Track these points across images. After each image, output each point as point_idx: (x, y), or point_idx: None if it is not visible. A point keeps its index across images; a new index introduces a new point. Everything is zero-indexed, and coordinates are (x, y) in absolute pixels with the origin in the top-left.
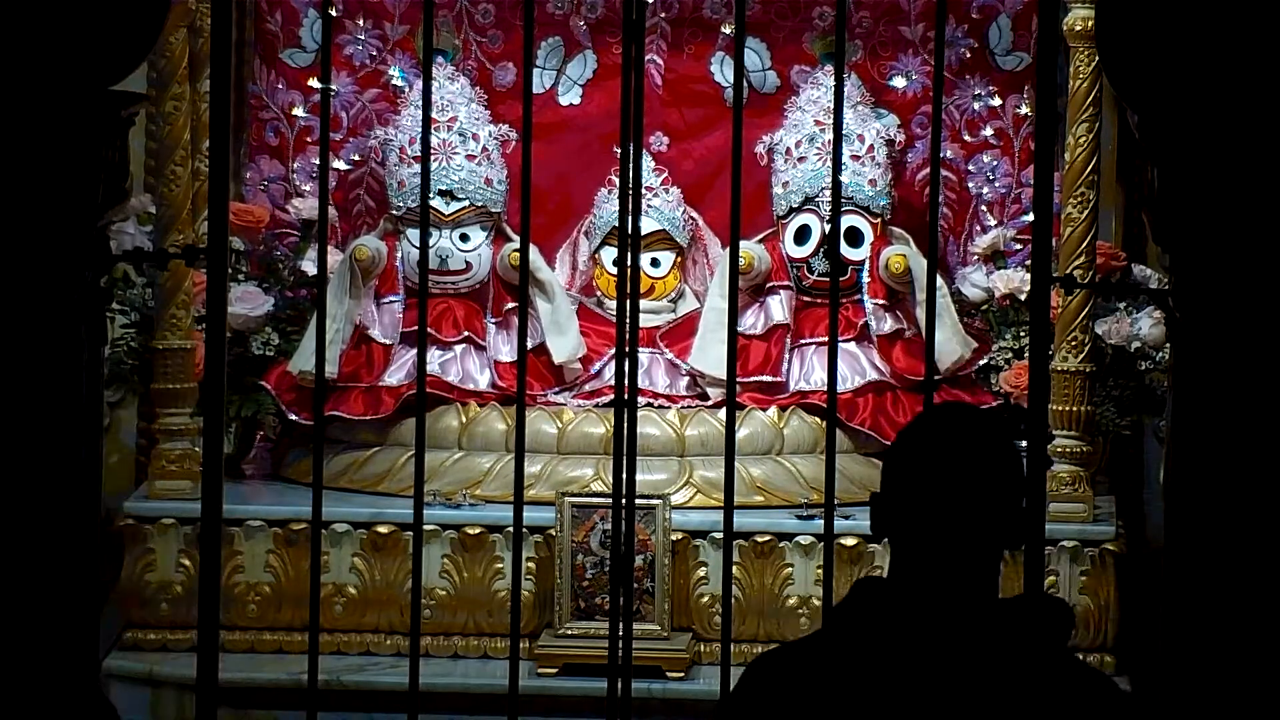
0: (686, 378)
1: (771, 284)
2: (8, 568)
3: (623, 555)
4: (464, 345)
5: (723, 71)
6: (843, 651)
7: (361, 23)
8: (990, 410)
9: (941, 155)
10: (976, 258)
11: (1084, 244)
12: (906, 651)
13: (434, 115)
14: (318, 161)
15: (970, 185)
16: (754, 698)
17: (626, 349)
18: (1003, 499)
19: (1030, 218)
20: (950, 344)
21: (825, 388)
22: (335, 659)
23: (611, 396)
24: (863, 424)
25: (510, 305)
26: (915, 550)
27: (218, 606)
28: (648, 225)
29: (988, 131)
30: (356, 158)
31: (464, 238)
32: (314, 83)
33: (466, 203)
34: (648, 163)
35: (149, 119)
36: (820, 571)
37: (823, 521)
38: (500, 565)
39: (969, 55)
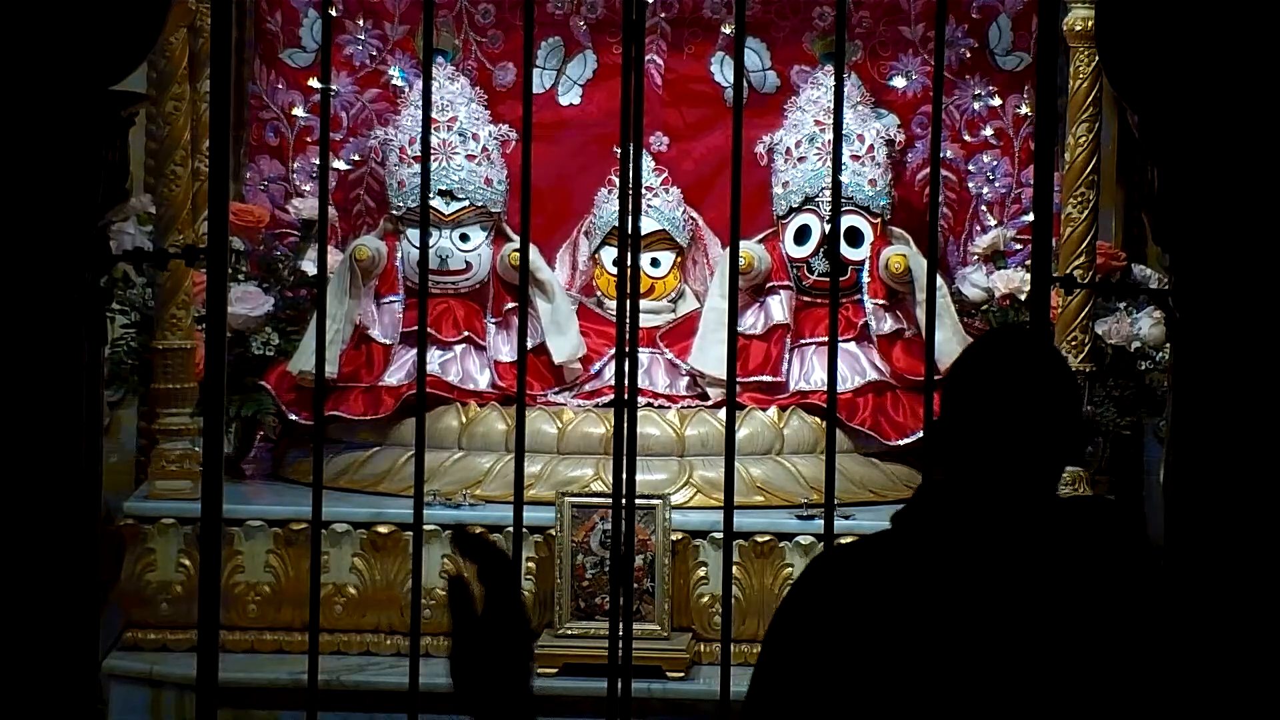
0: (686, 378)
1: (771, 284)
2: (8, 567)
3: (623, 555)
4: (464, 345)
5: (723, 71)
6: (908, 550)
7: (361, 23)
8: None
9: (942, 155)
10: (976, 258)
11: (1084, 244)
12: (971, 548)
13: (434, 115)
14: (318, 161)
15: (970, 185)
16: (815, 593)
17: (626, 349)
18: (1063, 416)
19: (1030, 218)
20: (950, 344)
21: (825, 388)
22: (335, 659)
23: (611, 396)
24: (863, 424)
25: (510, 305)
26: (977, 464)
27: (218, 606)
28: (648, 225)
29: (988, 131)
30: (356, 158)
31: (464, 238)
32: (314, 83)
33: (466, 203)
34: (648, 163)
35: (149, 119)
36: None
37: (823, 521)
38: None
39: (969, 55)
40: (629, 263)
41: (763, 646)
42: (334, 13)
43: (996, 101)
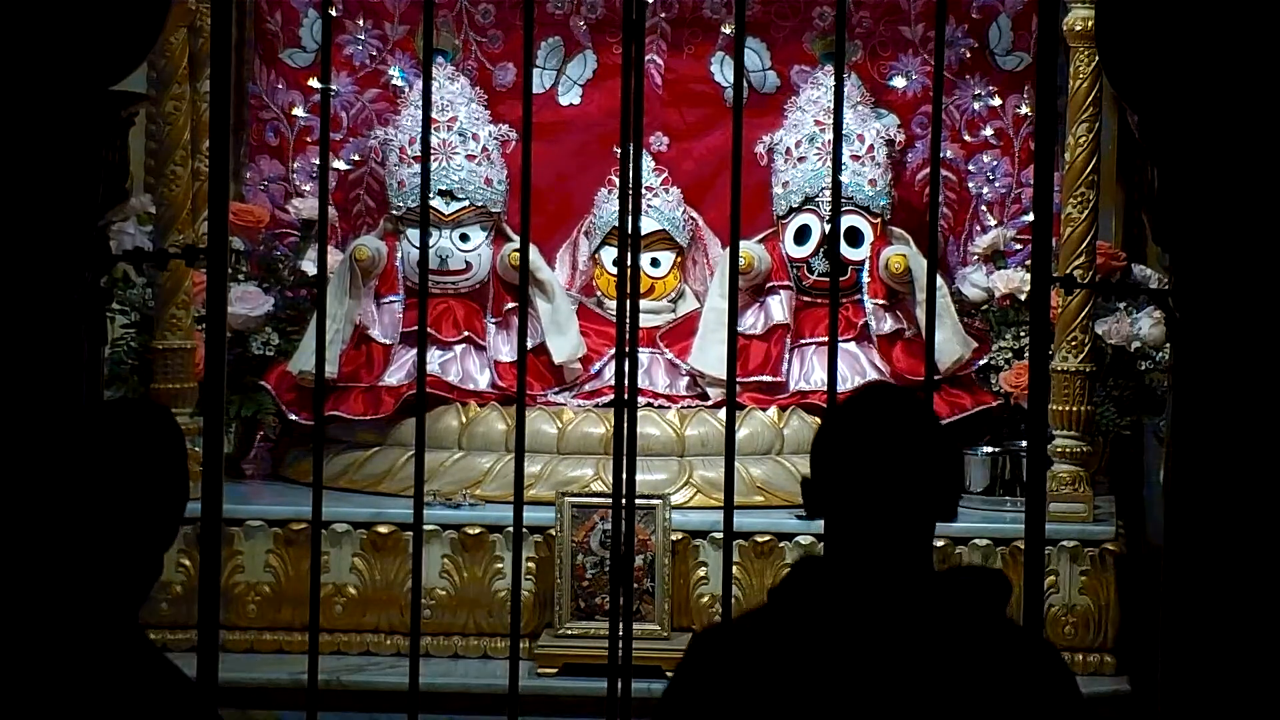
0: (686, 378)
1: (771, 284)
2: (7, 569)
3: (623, 555)
4: (464, 345)
5: (723, 71)
6: (784, 627)
7: (361, 23)
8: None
9: (942, 155)
10: (976, 258)
11: (1084, 244)
12: (845, 626)
13: (434, 115)
14: (318, 161)
15: (970, 185)
16: (699, 673)
17: (626, 349)
18: (931, 473)
19: (1030, 218)
20: (950, 344)
21: (825, 388)
22: (335, 659)
23: (611, 396)
24: None
25: (510, 305)
26: (849, 527)
27: (218, 606)
28: (648, 225)
29: (988, 131)
30: (356, 158)
31: (464, 238)
32: (314, 83)
33: (466, 203)
34: (648, 163)
35: (149, 119)
36: None
37: (823, 521)
38: (500, 565)
39: (969, 55)
40: (629, 263)
41: None
42: (334, 13)
43: (996, 101)
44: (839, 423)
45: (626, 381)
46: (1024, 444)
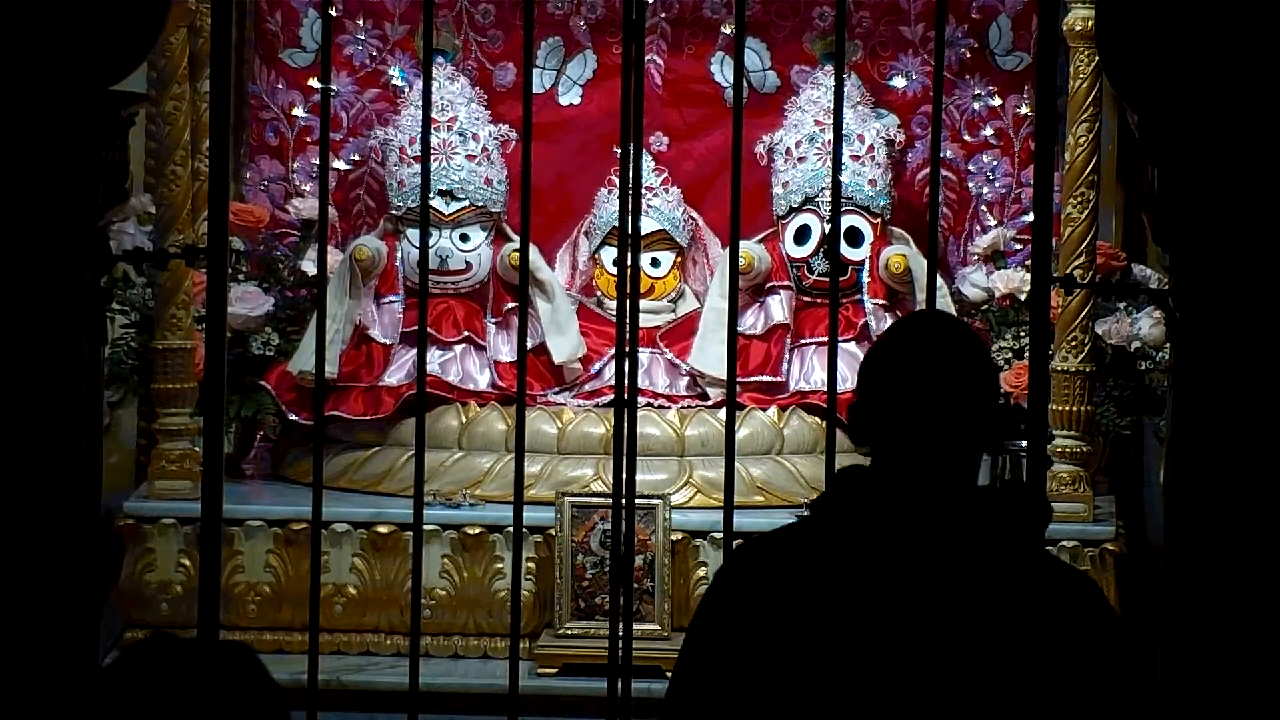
0: (686, 378)
1: (771, 284)
2: (8, 568)
3: (623, 555)
4: (464, 345)
5: (723, 71)
6: (826, 537)
7: (361, 23)
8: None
9: (942, 155)
10: (976, 258)
11: (1084, 244)
12: (887, 538)
13: (434, 115)
14: (318, 161)
15: (970, 185)
16: (738, 581)
17: (626, 349)
18: (980, 398)
19: (1030, 218)
20: None
21: (825, 388)
22: (335, 659)
23: (611, 396)
24: None
25: (510, 305)
26: (896, 449)
27: (218, 606)
28: (648, 225)
29: (988, 131)
30: (356, 158)
31: (464, 238)
32: (314, 83)
33: (466, 203)
34: (648, 163)
35: (149, 119)
36: None
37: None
38: (500, 565)
39: (969, 55)
40: (629, 263)
41: (685, 638)
42: (334, 13)
43: (996, 101)
44: (889, 348)
45: (626, 381)
46: (1024, 444)
